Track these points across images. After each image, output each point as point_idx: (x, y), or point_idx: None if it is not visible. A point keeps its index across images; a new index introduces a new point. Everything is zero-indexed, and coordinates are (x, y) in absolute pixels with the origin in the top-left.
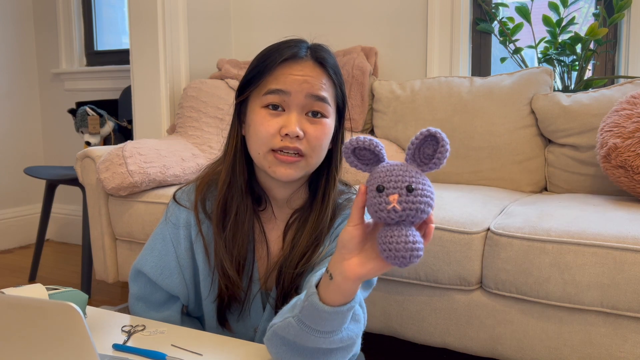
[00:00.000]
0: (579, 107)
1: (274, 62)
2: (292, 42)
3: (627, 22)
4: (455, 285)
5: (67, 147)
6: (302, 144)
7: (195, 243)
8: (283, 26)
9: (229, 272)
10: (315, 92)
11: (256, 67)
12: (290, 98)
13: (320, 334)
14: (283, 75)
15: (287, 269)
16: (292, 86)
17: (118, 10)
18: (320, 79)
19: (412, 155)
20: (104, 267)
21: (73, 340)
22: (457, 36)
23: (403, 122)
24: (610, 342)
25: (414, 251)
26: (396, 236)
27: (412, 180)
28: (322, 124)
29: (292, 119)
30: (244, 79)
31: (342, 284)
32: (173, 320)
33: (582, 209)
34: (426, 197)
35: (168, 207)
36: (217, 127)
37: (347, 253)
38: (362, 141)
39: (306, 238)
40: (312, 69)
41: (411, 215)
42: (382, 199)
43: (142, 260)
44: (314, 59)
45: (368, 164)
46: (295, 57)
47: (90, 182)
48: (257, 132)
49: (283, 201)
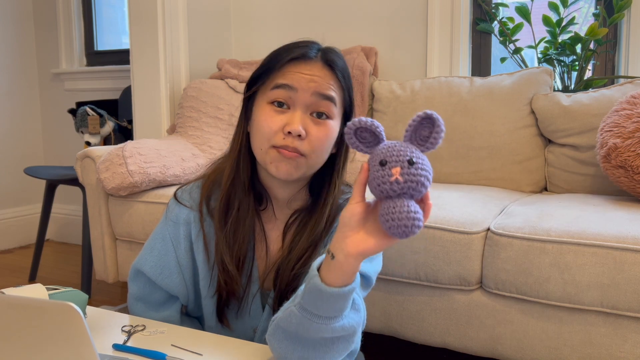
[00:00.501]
0: (579, 107)
1: (283, 59)
2: (303, 42)
3: (627, 22)
4: (455, 285)
5: (67, 147)
6: (303, 144)
7: (195, 241)
8: (283, 26)
9: (229, 266)
10: (321, 91)
11: (265, 64)
12: (296, 95)
13: (322, 320)
14: (291, 72)
15: (284, 270)
16: (299, 83)
17: (118, 10)
18: (328, 80)
19: (410, 137)
20: (104, 267)
21: (73, 340)
22: (457, 36)
23: (403, 122)
24: (610, 342)
25: (415, 220)
26: (398, 206)
27: (412, 155)
28: (326, 125)
29: (296, 117)
30: (252, 75)
31: (344, 262)
32: (172, 320)
33: (582, 209)
34: (425, 171)
35: (168, 206)
36: (217, 127)
37: (348, 230)
38: (364, 122)
39: (305, 241)
40: (321, 70)
41: (412, 187)
42: (385, 172)
43: (142, 260)
44: (323, 60)
45: (368, 145)
46: (304, 56)
47: (90, 182)
48: (261, 127)
49: (284, 201)
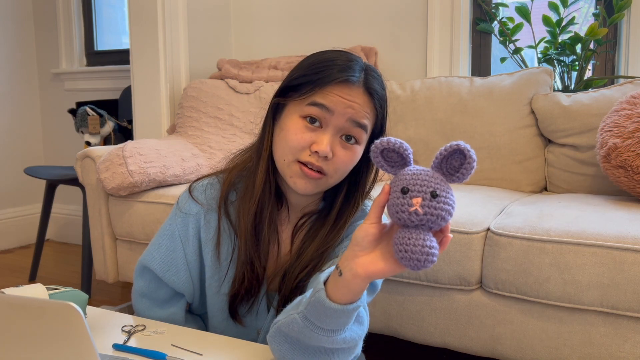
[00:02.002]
0: (579, 107)
1: (327, 79)
2: (348, 60)
3: (627, 22)
4: (455, 285)
5: (67, 147)
6: (326, 165)
7: (204, 240)
8: (283, 26)
9: (258, 270)
10: (357, 119)
11: (306, 76)
12: (331, 117)
13: (324, 332)
14: (331, 94)
15: (290, 275)
16: (337, 107)
17: (118, 10)
18: (366, 108)
19: (439, 164)
20: (104, 267)
21: (73, 340)
22: (457, 36)
23: (403, 122)
24: (610, 342)
25: (429, 255)
26: (414, 239)
27: (437, 187)
28: (353, 150)
29: (326, 139)
30: (288, 82)
31: (351, 280)
32: (177, 318)
33: (582, 209)
34: (448, 206)
35: (180, 199)
36: (217, 127)
37: (359, 250)
38: (393, 143)
39: (314, 249)
40: (361, 97)
41: (431, 220)
42: (405, 201)
43: (149, 256)
44: (365, 87)
45: (394, 165)
46: (348, 81)
47: (91, 182)
48: (289, 140)
49: (298, 207)
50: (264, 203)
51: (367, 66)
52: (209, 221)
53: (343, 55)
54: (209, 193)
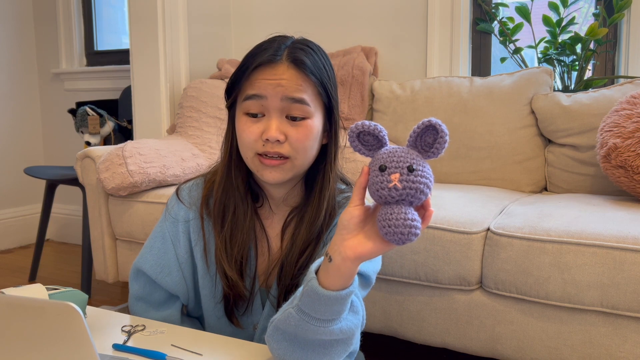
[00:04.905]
0: (579, 107)
1: (249, 68)
2: (269, 44)
3: (627, 22)
4: (455, 285)
5: (67, 147)
6: (284, 148)
7: (194, 241)
8: (283, 26)
9: (229, 273)
10: (290, 95)
11: (235, 75)
12: (267, 102)
13: (320, 323)
14: (258, 80)
15: (288, 265)
16: (266, 90)
17: (118, 10)
18: (296, 80)
19: (413, 142)
20: (104, 267)
21: (73, 340)
22: (457, 36)
23: (403, 122)
24: (610, 342)
25: (412, 228)
26: (396, 213)
27: (413, 162)
28: (304, 125)
29: (272, 125)
30: (227, 85)
31: (342, 264)
32: (173, 320)
33: (582, 209)
34: (425, 179)
35: (168, 202)
36: (217, 127)
37: (346, 233)
38: (367, 126)
39: (304, 235)
40: (287, 71)
41: (411, 194)
42: (384, 178)
43: (142, 259)
44: (289, 61)
45: (371, 149)
46: (269, 61)
47: (90, 182)
48: (242, 138)
49: (279, 199)
50: (227, 206)
51: (293, 41)
52: (197, 223)
53: (264, 43)
54: (194, 194)
